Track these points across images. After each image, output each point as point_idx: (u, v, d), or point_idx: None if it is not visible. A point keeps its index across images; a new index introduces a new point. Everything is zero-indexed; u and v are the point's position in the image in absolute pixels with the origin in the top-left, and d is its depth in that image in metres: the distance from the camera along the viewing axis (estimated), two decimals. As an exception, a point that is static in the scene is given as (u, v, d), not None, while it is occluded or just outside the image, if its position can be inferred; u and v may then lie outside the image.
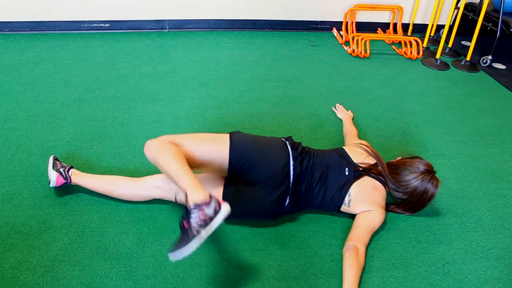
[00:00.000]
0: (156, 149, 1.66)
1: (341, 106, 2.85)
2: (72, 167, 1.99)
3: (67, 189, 2.01)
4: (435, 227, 1.97)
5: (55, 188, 2.01)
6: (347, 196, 1.85)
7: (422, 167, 1.89)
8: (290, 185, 1.79)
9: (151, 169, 2.16)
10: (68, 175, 1.94)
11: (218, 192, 1.81)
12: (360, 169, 1.90)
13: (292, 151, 1.83)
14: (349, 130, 2.47)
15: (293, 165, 1.80)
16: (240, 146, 1.76)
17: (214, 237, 1.82)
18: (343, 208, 1.87)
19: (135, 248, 1.75)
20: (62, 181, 1.93)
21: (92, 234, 1.80)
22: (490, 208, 2.10)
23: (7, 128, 2.43)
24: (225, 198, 1.77)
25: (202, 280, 1.64)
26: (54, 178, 1.93)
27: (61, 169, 1.95)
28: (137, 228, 1.85)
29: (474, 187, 2.23)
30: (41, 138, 2.36)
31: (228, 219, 1.80)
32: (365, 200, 1.85)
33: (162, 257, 1.72)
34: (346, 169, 1.89)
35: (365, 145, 2.01)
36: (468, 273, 1.75)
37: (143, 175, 1.98)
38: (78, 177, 1.96)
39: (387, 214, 1.99)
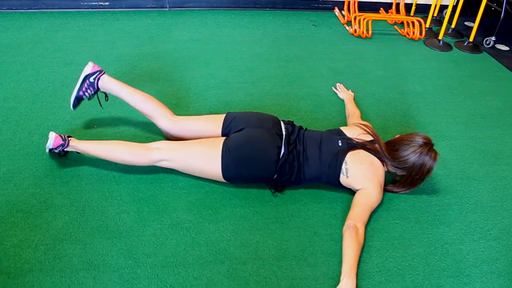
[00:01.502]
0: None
1: (341, 85, 2.84)
2: (71, 136, 2.01)
3: (68, 167, 2.02)
4: (435, 208, 1.97)
5: (54, 158, 2.01)
6: (343, 164, 1.86)
7: (419, 140, 1.89)
8: (283, 135, 1.93)
9: (151, 149, 2.16)
10: (67, 139, 1.96)
11: (218, 142, 1.88)
12: (354, 142, 1.92)
13: (281, 120, 2.04)
14: (352, 111, 2.45)
15: (284, 125, 1.98)
16: (232, 113, 2.04)
17: (214, 217, 1.83)
18: (342, 178, 1.87)
19: (135, 227, 1.76)
20: (59, 142, 1.94)
21: (93, 213, 1.81)
22: (489, 189, 2.11)
23: (7, 108, 2.42)
24: (225, 144, 1.86)
25: (202, 258, 1.66)
26: (52, 136, 1.94)
27: (61, 135, 1.98)
28: (137, 207, 1.85)
29: (474, 168, 2.24)
30: (41, 118, 2.36)
31: (230, 182, 1.90)
32: (363, 171, 1.85)
33: (162, 236, 1.73)
34: (339, 141, 1.93)
35: (365, 125, 2.01)
36: (466, 253, 1.76)
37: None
38: (77, 143, 1.96)
39: (386, 195, 2.00)
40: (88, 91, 2.18)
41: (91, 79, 2.16)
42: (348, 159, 1.87)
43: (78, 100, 2.20)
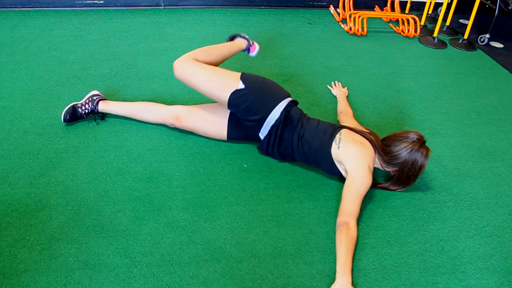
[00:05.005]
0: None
1: (339, 83, 2.84)
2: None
3: (63, 166, 2.01)
4: (430, 205, 1.98)
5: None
6: (338, 134, 1.92)
7: (412, 136, 1.92)
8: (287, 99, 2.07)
9: (147, 147, 2.16)
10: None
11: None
12: (351, 127, 1.99)
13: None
14: (345, 109, 2.46)
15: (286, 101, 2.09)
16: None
17: (210, 215, 1.83)
18: (334, 149, 1.89)
19: (131, 226, 1.76)
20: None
21: (89, 212, 1.81)
22: (484, 186, 2.12)
23: (1, 107, 2.41)
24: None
25: (198, 257, 1.66)
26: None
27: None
28: (133, 206, 1.85)
29: (469, 165, 2.25)
30: (36, 117, 2.35)
31: (235, 99, 1.87)
32: (353, 148, 1.86)
33: (158, 234, 1.73)
34: (336, 125, 2.02)
35: (363, 128, 2.05)
36: (461, 250, 1.77)
37: (139, 157, 2.01)
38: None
39: (381, 193, 2.01)
40: (87, 106, 2.29)
41: (94, 97, 2.34)
42: (343, 132, 1.93)
43: (74, 109, 2.27)
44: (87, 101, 2.30)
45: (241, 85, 1.97)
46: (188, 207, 1.87)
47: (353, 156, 1.85)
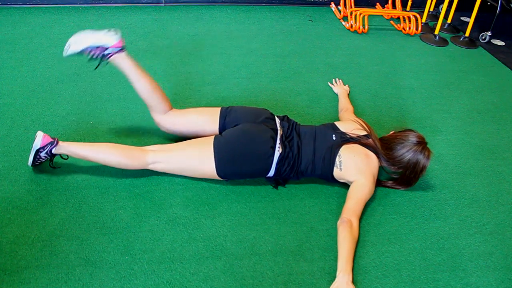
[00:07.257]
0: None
1: (340, 80, 2.84)
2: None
3: (64, 163, 2.01)
4: (431, 203, 1.98)
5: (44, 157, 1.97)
6: (337, 157, 1.87)
7: (413, 139, 1.91)
8: (278, 131, 1.92)
9: (148, 145, 2.16)
10: (56, 139, 1.86)
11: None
12: (348, 136, 1.94)
13: (276, 115, 2.03)
14: (345, 106, 2.46)
15: (280, 122, 1.97)
16: (227, 108, 2.05)
17: (210, 212, 1.83)
18: (336, 172, 1.88)
19: (132, 223, 1.76)
20: (48, 140, 1.83)
21: (90, 209, 1.81)
22: (485, 184, 2.12)
23: (2, 104, 2.41)
24: (217, 141, 1.86)
25: (199, 254, 1.66)
26: (40, 135, 1.83)
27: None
28: (134, 203, 1.85)
29: (470, 163, 2.24)
30: (37, 114, 2.35)
31: (226, 179, 1.91)
32: (357, 163, 1.86)
33: (159, 231, 1.73)
34: (333, 135, 1.95)
35: (360, 120, 2.02)
36: (462, 248, 1.77)
37: (139, 151, 2.01)
38: (68, 144, 1.87)
39: (382, 190, 2.01)
40: (97, 51, 2.08)
41: (107, 48, 2.08)
42: (341, 152, 1.88)
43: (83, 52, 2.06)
44: (99, 52, 2.09)
45: (223, 179, 1.92)
46: (189, 204, 1.87)
47: (357, 170, 1.86)
